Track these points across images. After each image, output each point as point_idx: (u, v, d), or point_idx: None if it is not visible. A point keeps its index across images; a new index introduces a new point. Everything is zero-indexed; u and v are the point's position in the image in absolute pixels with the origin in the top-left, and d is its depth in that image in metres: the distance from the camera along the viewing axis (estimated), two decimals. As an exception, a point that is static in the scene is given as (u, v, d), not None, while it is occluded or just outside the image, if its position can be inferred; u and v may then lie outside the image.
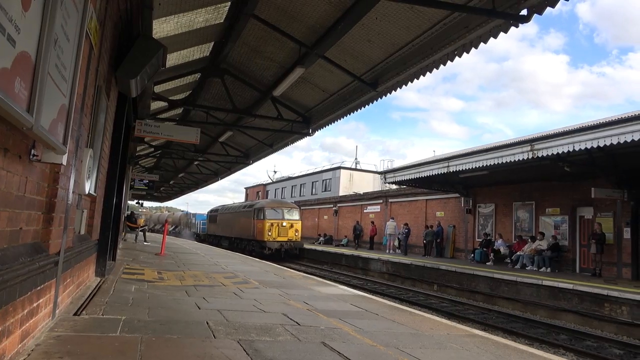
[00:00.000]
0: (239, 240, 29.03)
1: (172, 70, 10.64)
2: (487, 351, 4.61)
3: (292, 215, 26.29)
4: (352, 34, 8.46)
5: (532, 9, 6.19)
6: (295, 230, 25.62)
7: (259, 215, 25.92)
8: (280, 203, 28.08)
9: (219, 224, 34.47)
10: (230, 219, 31.69)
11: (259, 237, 25.37)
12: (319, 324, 5.30)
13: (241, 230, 28.51)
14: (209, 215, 38.67)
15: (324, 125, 13.24)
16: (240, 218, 29.12)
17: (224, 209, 35.08)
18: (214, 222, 36.43)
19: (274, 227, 24.98)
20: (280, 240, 24.80)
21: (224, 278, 9.43)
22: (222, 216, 34.35)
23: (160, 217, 62.25)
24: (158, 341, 4.00)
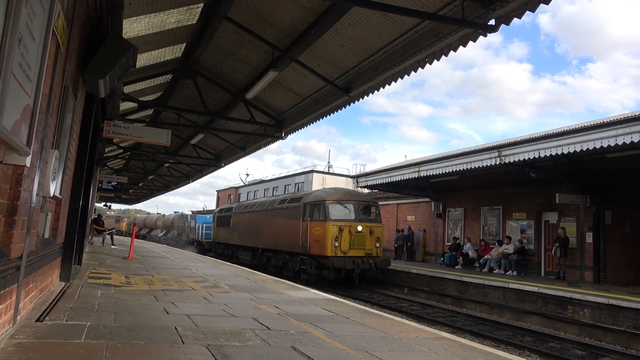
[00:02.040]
0: (274, 253, 19.35)
1: (143, 70, 10.47)
2: (454, 353, 4.70)
3: (370, 214, 16.97)
4: (325, 38, 8.52)
5: (499, 19, 6.37)
6: (375, 238, 16.26)
7: (315, 213, 16.62)
8: (350, 195, 17.53)
9: (235, 229, 24.64)
10: (255, 221, 21.71)
11: (315, 249, 16.09)
12: (289, 328, 5.29)
13: (278, 238, 18.84)
14: (218, 217, 28.37)
15: (297, 128, 13.27)
16: (276, 219, 19.47)
17: (243, 207, 24.89)
18: (225, 225, 26.42)
19: (344, 233, 15.68)
20: (353, 256, 15.47)
21: (194, 282, 9.30)
22: (239, 217, 24.22)
23: (147, 220, 52.50)
24: (124, 347, 3.91)
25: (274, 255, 19.39)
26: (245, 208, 24.22)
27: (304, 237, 16.66)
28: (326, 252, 15.50)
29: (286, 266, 18.21)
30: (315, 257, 16.12)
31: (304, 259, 16.64)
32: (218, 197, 62.14)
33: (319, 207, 16.47)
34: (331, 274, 15.49)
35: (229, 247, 25.69)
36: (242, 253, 23.20)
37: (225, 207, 29.06)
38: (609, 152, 11.56)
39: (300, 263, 16.87)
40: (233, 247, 24.90)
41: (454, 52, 7.32)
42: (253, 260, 21.38)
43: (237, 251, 24.14)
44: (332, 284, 15.67)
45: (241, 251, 23.44)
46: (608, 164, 13.54)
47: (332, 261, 15.27)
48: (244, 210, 24.05)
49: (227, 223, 25.95)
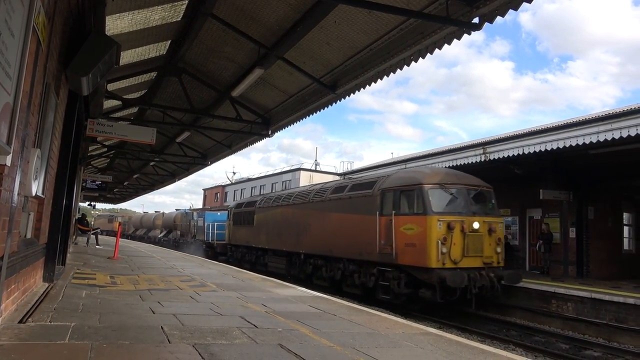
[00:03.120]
0: (325, 261, 14.17)
1: (127, 68, 10.35)
2: (440, 348, 4.74)
3: (485, 204, 11.69)
4: (311, 36, 8.51)
5: (483, 17, 6.43)
6: (496, 240, 11.18)
7: (403, 203, 11.37)
8: (456, 176, 11.87)
9: (261, 228, 19.09)
10: (294, 218, 16.17)
11: (406, 258, 10.85)
12: (276, 326, 5.29)
13: (334, 241, 13.52)
14: (235, 214, 22.51)
15: (284, 126, 13.24)
16: (330, 214, 13.93)
17: (272, 200, 18.84)
18: (245, 223, 20.88)
19: (455, 234, 10.56)
20: (468, 267, 10.55)
21: (181, 281, 9.24)
22: (267, 213, 18.63)
23: (144, 220, 46.58)
24: (109, 348, 3.88)
25: (327, 263, 14.02)
26: (276, 201, 18.24)
27: (385, 240, 11.15)
28: (428, 261, 10.21)
29: (348, 280, 12.98)
30: (406, 269, 10.74)
31: (385, 271, 11.32)
32: (205, 195, 61.79)
33: (413, 194, 10.99)
34: (436, 295, 10.13)
35: (251, 251, 19.96)
36: (273, 259, 17.61)
37: (246, 200, 22.94)
38: (592, 149, 11.74)
39: (377, 277, 11.60)
40: (258, 252, 19.24)
41: (439, 50, 7.37)
42: (290, 268, 16.23)
43: (265, 256, 18.47)
44: (429, 309, 11.02)
45: (271, 257, 17.83)
46: (590, 161, 13.76)
47: (438, 275, 9.99)
48: (274, 204, 18.16)
49: (249, 221, 20.24)
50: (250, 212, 20.38)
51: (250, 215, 20.31)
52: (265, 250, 18.50)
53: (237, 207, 22.80)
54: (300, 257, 15.56)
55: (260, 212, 19.47)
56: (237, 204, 23.34)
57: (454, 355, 4.49)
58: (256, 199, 21.33)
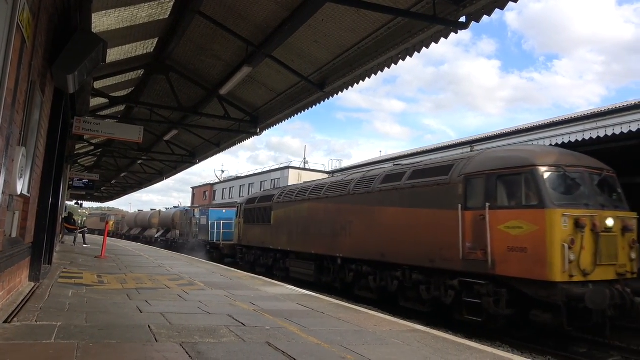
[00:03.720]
0: (374, 268, 11.18)
1: (114, 66, 10.26)
2: (427, 345, 4.79)
3: (612, 193, 8.56)
4: (299, 34, 8.51)
5: (470, 16, 6.49)
6: (630, 243, 8.08)
7: (503, 192, 8.33)
8: (575, 157, 8.55)
9: (281, 227, 15.94)
10: (327, 214, 13.19)
11: (511, 267, 7.80)
12: (264, 324, 5.30)
13: (389, 243, 10.58)
14: (246, 210, 19.27)
15: (272, 124, 13.23)
16: (382, 210, 11.00)
17: (295, 193, 15.46)
18: (259, 221, 17.70)
19: (584, 236, 7.50)
20: (602, 281, 7.56)
21: (169, 280, 9.21)
22: (290, 208, 15.46)
23: (139, 219, 42.95)
24: (96, 347, 3.86)
25: (375, 271, 10.95)
26: (300, 194, 14.86)
27: (474, 242, 8.42)
28: (549, 273, 7.33)
29: (410, 293, 10.04)
30: (510, 282, 7.93)
31: (473, 284, 8.42)
32: (193, 194, 61.49)
33: (519, 179, 8.14)
34: (561, 319, 7.28)
35: (267, 254, 16.92)
36: (297, 264, 14.55)
37: (259, 194, 19.57)
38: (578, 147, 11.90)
39: (459, 291, 8.72)
40: (276, 254, 16.15)
41: (427, 48, 7.42)
42: (320, 275, 13.28)
43: (285, 260, 15.38)
44: (541, 336, 8.43)
45: (294, 261, 14.75)
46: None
47: (566, 293, 7.24)
48: (298, 198, 14.88)
49: (264, 218, 17.10)
50: (266, 208, 16.97)
51: (265, 211, 17.00)
52: (287, 253, 15.26)
53: (248, 203, 19.29)
54: (337, 262, 12.42)
55: (279, 207, 16.02)
56: (249, 199, 19.68)
57: (440, 352, 4.54)
58: (273, 192, 17.58)
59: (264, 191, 21.05)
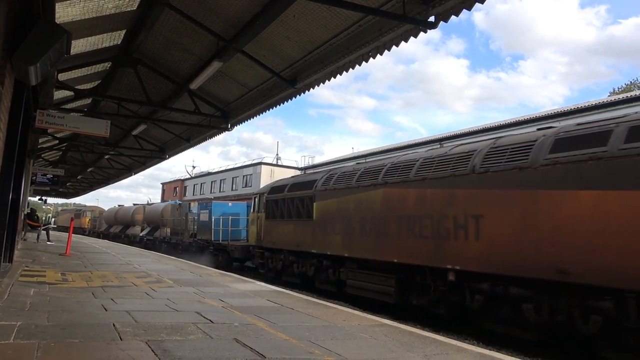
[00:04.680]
0: (559, 294, 6.53)
1: (79, 57, 9.96)
2: (393, 339, 4.87)
3: None
4: (271, 30, 8.46)
5: (439, 16, 6.58)
6: None
7: None
8: None
9: (331, 223, 11.60)
10: (426, 206, 8.87)
11: None
12: (233, 320, 5.28)
13: (593, 251, 6.01)
14: (269, 202, 14.97)
15: (243, 120, 13.12)
16: (562, 195, 6.56)
17: (359, 176, 11.02)
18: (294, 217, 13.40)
19: None
20: None
21: (136, 278, 9.05)
22: (350, 198, 11.00)
23: (120, 215, 37.62)
24: (58, 347, 3.77)
25: (541, 297, 6.92)
26: (367, 177, 10.62)
27: None
28: None
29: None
30: None
31: None
32: (163, 189, 60.51)
33: None
34: None
35: (305, 260, 12.67)
36: (361, 277, 10.48)
37: (291, 181, 14.54)
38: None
39: None
40: (323, 261, 11.92)
41: (397, 47, 7.49)
42: (407, 294, 9.44)
43: (339, 270, 11.26)
44: None
45: (357, 273, 10.64)
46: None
47: None
48: (363, 183, 10.62)
49: (300, 212, 12.87)
50: (303, 198, 12.73)
51: (302, 203, 12.74)
52: (340, 260, 11.15)
53: (273, 192, 14.82)
54: (445, 278, 8.29)
55: (326, 197, 11.66)
56: (273, 188, 15.10)
57: (406, 345, 4.62)
58: (313, 177, 13.08)
59: (298, 176, 16.11)
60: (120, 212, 38.61)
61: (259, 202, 15.71)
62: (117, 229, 37.97)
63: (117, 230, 37.57)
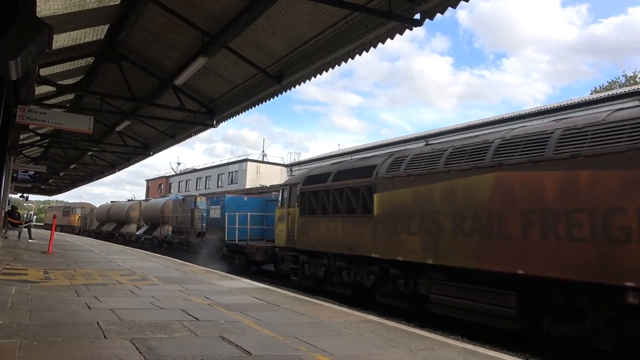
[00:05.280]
0: None
1: (61, 52, 9.81)
2: (379, 335, 4.90)
3: None
4: (256, 26, 8.42)
5: (424, 13, 6.62)
6: None
7: None
8: None
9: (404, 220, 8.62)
10: (599, 193, 5.79)
11: None
12: (218, 318, 5.26)
13: None
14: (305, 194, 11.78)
15: (229, 116, 13.05)
16: None
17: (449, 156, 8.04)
18: (344, 212, 10.28)
19: None
20: None
21: (120, 276, 8.97)
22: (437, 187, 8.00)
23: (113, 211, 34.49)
24: (40, 345, 3.72)
25: None
26: (461, 158, 7.84)
27: None
28: None
29: None
30: None
31: None
32: (148, 186, 59.94)
33: None
34: None
35: (362, 267, 9.98)
36: (456, 292, 7.70)
37: (335, 168, 11.48)
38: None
39: None
40: (388, 270, 9.26)
41: (382, 44, 7.52)
42: (530, 317, 6.72)
43: (414, 283, 8.71)
44: None
45: (446, 286, 7.92)
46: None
47: None
48: (453, 166, 7.85)
49: (353, 206, 10.14)
50: (357, 189, 9.91)
51: (356, 195, 9.93)
52: (419, 270, 8.45)
53: (310, 182, 11.78)
54: (619, 301, 5.62)
55: (393, 186, 9.02)
56: (310, 177, 12.00)
57: (392, 341, 4.66)
58: (370, 162, 10.28)
59: (345, 162, 12.40)
60: (113, 208, 35.12)
61: (289, 195, 12.66)
62: (110, 227, 34.81)
63: (111, 228, 34.38)
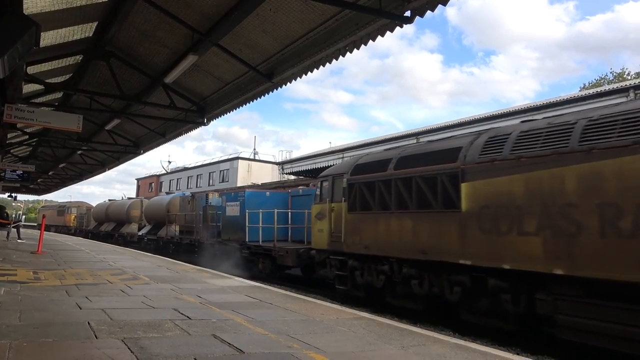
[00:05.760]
0: None
1: (49, 50, 9.69)
2: (371, 332, 4.92)
3: None
4: (247, 23, 8.38)
5: (414, 10, 6.64)
6: None
7: None
8: None
9: (523, 215, 6.42)
10: None
11: None
12: (211, 316, 5.25)
13: None
14: (353, 186, 9.70)
15: (220, 114, 13.00)
16: None
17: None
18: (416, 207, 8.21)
19: None
20: None
21: (111, 275, 8.91)
22: (578, 168, 5.87)
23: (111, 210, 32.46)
24: (30, 346, 3.69)
25: None
26: (625, 128, 5.57)
27: None
28: None
29: None
30: None
31: None
32: (138, 185, 59.56)
33: None
34: None
35: (443, 278, 7.88)
36: (601, 313, 5.58)
37: (401, 153, 9.21)
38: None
39: None
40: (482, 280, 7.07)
41: (373, 41, 7.52)
42: None
43: (529, 295, 6.51)
44: None
45: (588, 308, 5.72)
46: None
47: None
48: (612, 139, 5.64)
49: (426, 200, 8.09)
50: (436, 177, 7.96)
51: (432, 185, 8.04)
52: (537, 282, 6.42)
53: (361, 171, 9.80)
54: None
55: (492, 173, 7.09)
56: (360, 165, 10.03)
57: (384, 337, 4.68)
58: (456, 143, 8.16)
59: (409, 146, 10.36)
60: (112, 207, 32.93)
61: (331, 188, 10.55)
62: (109, 227, 32.49)
63: (109, 228, 32.14)
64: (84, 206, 43.49)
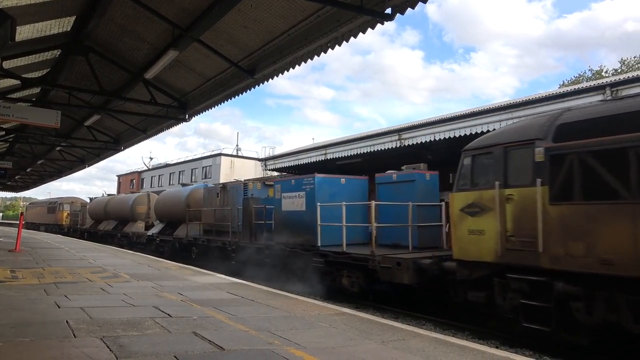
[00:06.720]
0: None
1: (26, 44, 9.50)
2: (353, 327, 4.97)
3: None
4: (228, 19, 8.33)
5: (395, 8, 6.68)
6: None
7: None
8: None
9: None
10: None
11: None
12: (192, 314, 5.24)
13: None
14: (563, 159, 5.95)
15: (201, 110, 12.91)
16: None
17: None
18: None
19: None
20: None
21: (91, 273, 8.80)
22: None
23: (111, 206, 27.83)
24: (7, 347, 3.64)
25: None
26: None
27: None
28: None
29: None
30: None
31: None
32: (119, 182, 58.80)
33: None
34: None
35: None
36: None
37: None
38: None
39: None
40: None
41: (354, 38, 7.54)
42: None
43: None
44: None
45: None
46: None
47: None
48: None
49: None
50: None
51: None
52: None
53: (581, 134, 6.02)
54: None
55: None
56: (575, 124, 6.30)
57: (365, 333, 4.73)
58: None
59: None
60: (112, 203, 28.07)
61: (503, 164, 7.04)
62: (109, 225, 27.94)
63: (110, 227, 27.55)
64: (78, 202, 38.05)
